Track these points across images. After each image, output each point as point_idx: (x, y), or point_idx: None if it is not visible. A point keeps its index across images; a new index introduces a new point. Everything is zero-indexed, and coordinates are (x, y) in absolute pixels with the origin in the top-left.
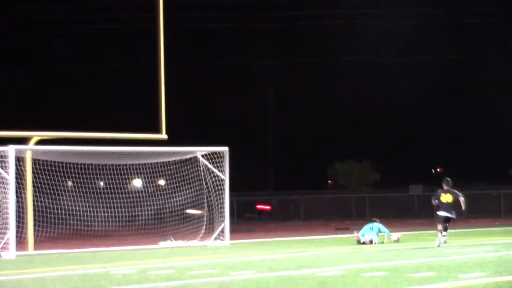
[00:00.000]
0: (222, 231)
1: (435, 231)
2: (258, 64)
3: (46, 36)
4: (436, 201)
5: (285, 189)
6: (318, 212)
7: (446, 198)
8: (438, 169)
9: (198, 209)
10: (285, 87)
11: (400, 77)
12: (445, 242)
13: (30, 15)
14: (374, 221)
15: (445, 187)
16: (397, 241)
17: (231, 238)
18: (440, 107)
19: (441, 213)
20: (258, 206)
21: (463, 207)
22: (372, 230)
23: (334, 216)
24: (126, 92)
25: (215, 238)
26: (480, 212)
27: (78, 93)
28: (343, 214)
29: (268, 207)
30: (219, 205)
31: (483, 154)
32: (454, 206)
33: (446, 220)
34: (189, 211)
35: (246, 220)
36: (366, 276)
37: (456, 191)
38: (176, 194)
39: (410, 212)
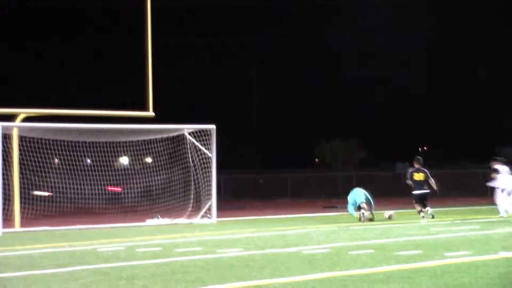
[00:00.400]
0: (209, 209)
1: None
2: (245, 41)
3: (32, 12)
4: (409, 182)
5: (272, 167)
6: (305, 191)
7: (419, 176)
8: (424, 147)
9: (190, 187)
10: (271, 65)
11: (387, 53)
12: (432, 216)
13: None
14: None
15: (416, 166)
16: (390, 218)
17: (218, 216)
18: (427, 84)
19: (416, 192)
20: (110, 188)
21: (434, 188)
22: (365, 196)
23: (321, 195)
24: (113, 69)
25: (202, 216)
26: (466, 191)
27: (66, 70)
28: (330, 193)
29: (119, 189)
30: (206, 183)
31: (470, 132)
32: (426, 182)
33: (422, 197)
34: (36, 192)
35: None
36: (353, 254)
37: (427, 171)
38: (163, 172)
39: (397, 190)
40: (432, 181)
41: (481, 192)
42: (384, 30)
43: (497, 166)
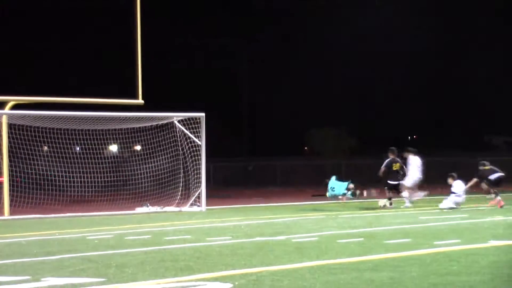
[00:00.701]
0: (199, 197)
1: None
2: (233, 29)
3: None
4: (383, 168)
5: (261, 155)
6: (294, 179)
7: (396, 166)
8: (414, 136)
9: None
10: (263, 52)
11: (380, 42)
12: (391, 204)
13: None
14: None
15: (391, 156)
16: (384, 207)
17: (207, 204)
18: (417, 71)
19: (392, 182)
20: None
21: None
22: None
23: (310, 183)
24: (103, 57)
25: (191, 204)
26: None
27: (55, 57)
28: (319, 181)
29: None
30: (195, 171)
31: (460, 120)
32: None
33: (396, 186)
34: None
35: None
36: (342, 242)
37: (399, 160)
38: (152, 160)
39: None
40: (406, 170)
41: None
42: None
43: (410, 156)
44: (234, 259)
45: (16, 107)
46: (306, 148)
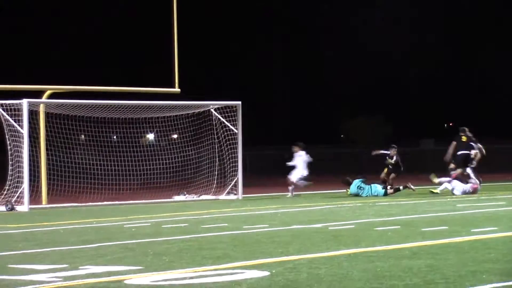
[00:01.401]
0: (235, 185)
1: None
2: (266, 18)
3: None
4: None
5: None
6: (330, 167)
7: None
8: (450, 124)
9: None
10: (294, 43)
11: (408, 30)
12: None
13: None
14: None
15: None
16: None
17: (243, 192)
18: (452, 60)
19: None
20: None
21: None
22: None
23: (346, 171)
24: (140, 46)
25: (228, 192)
26: (493, 167)
27: (92, 46)
28: (355, 169)
29: None
30: (232, 159)
31: (496, 108)
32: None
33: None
34: None
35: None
36: (379, 230)
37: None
38: (189, 148)
39: (422, 166)
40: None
41: (508, 168)
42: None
43: (298, 151)
44: (271, 247)
45: (53, 96)
46: (342, 136)
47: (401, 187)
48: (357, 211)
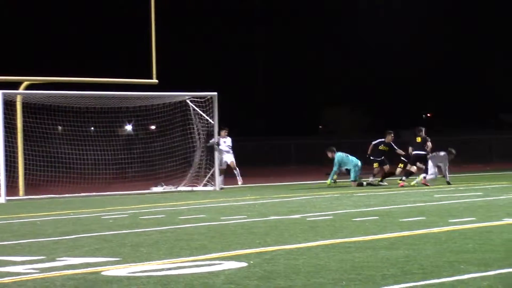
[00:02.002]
0: (212, 176)
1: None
2: (247, 8)
3: None
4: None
5: (276, 134)
6: (309, 158)
7: (383, 147)
8: (428, 114)
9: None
10: (279, 31)
11: (394, 19)
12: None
13: None
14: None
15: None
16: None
17: (222, 184)
18: (432, 50)
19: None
20: None
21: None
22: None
23: (325, 161)
24: (117, 37)
25: (205, 184)
26: (471, 157)
27: (69, 37)
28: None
29: None
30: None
31: (475, 99)
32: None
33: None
34: None
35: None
36: (357, 220)
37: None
38: (167, 139)
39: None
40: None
41: (485, 159)
42: None
43: (222, 138)
44: (249, 238)
45: (30, 87)
46: (321, 127)
47: (365, 183)
48: (335, 202)
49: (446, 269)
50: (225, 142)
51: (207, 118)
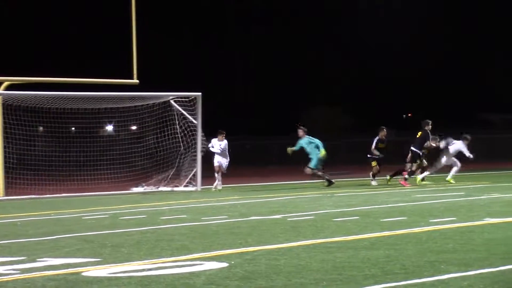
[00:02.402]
0: (194, 176)
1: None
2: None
3: None
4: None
5: (258, 134)
6: (291, 158)
7: (381, 145)
8: (409, 114)
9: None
10: (260, 30)
11: (375, 22)
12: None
13: None
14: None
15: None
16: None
17: (202, 184)
18: (410, 50)
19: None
20: None
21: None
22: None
23: (307, 161)
24: (98, 37)
25: (187, 184)
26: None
27: (50, 38)
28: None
29: None
30: (191, 151)
31: (455, 99)
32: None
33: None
34: None
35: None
36: (338, 221)
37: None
38: (148, 140)
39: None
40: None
41: (466, 158)
42: None
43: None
44: (230, 238)
45: (10, 87)
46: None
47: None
48: (316, 202)
49: (427, 269)
50: (221, 145)
51: (191, 118)
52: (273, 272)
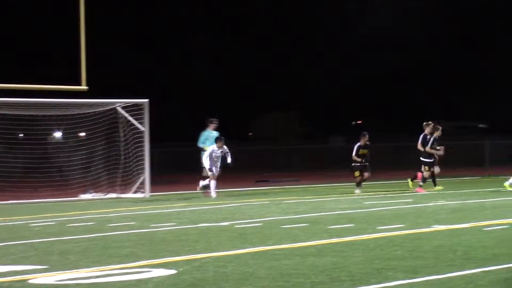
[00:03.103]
0: (142, 183)
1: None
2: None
3: None
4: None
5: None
6: (239, 164)
7: (363, 152)
8: (358, 122)
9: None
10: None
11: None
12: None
13: None
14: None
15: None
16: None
17: (151, 190)
18: (363, 57)
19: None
20: None
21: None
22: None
23: (255, 168)
24: (47, 43)
25: (135, 191)
26: (401, 164)
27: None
28: (265, 166)
29: None
30: (139, 157)
31: (404, 105)
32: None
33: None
34: None
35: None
36: (285, 228)
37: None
38: (97, 146)
39: (331, 164)
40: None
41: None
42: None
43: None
44: (178, 245)
45: None
46: (250, 134)
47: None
48: (264, 209)
49: (374, 276)
50: (221, 152)
51: (138, 125)
52: (221, 279)
